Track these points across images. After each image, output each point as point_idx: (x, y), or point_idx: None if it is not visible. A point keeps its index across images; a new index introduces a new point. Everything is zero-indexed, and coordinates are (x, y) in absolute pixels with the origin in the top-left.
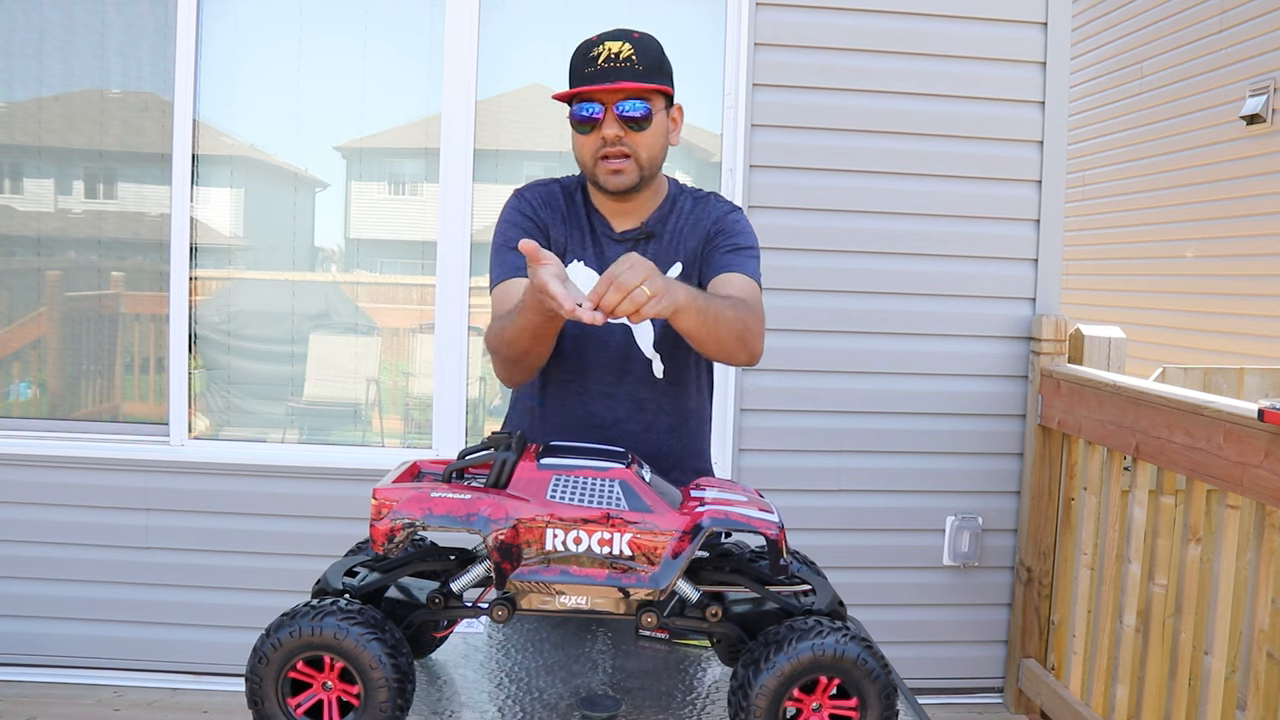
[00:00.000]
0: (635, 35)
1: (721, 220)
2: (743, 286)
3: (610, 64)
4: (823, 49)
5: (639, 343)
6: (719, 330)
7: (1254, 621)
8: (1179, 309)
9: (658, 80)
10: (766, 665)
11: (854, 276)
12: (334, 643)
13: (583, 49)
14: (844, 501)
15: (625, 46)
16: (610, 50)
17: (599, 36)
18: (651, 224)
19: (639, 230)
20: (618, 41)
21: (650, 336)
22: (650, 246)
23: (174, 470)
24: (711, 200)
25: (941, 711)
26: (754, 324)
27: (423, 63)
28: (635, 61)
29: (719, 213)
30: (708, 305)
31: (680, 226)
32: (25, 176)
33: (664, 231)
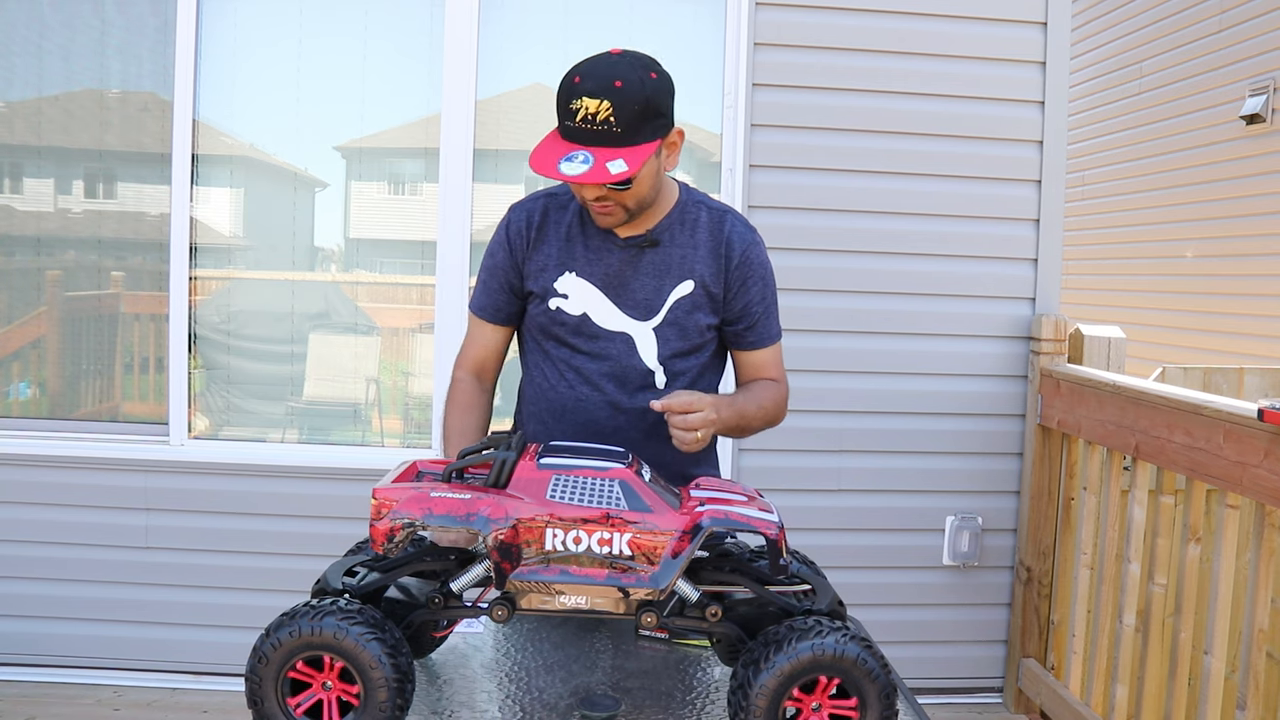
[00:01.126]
0: (617, 85)
1: (749, 258)
2: (776, 362)
3: (587, 125)
4: (823, 49)
5: (641, 354)
6: (749, 431)
7: (1254, 621)
8: (1179, 309)
9: (641, 137)
10: (766, 665)
11: (853, 276)
12: (334, 642)
13: (565, 91)
14: (844, 501)
15: (603, 106)
16: (588, 110)
17: (580, 82)
18: (657, 231)
19: (643, 237)
20: (595, 99)
21: (654, 349)
22: (656, 255)
23: (174, 470)
24: (730, 220)
25: (941, 711)
26: (781, 410)
27: (423, 63)
28: (614, 124)
29: (741, 243)
30: (741, 421)
31: (694, 241)
32: (25, 176)
33: (671, 242)
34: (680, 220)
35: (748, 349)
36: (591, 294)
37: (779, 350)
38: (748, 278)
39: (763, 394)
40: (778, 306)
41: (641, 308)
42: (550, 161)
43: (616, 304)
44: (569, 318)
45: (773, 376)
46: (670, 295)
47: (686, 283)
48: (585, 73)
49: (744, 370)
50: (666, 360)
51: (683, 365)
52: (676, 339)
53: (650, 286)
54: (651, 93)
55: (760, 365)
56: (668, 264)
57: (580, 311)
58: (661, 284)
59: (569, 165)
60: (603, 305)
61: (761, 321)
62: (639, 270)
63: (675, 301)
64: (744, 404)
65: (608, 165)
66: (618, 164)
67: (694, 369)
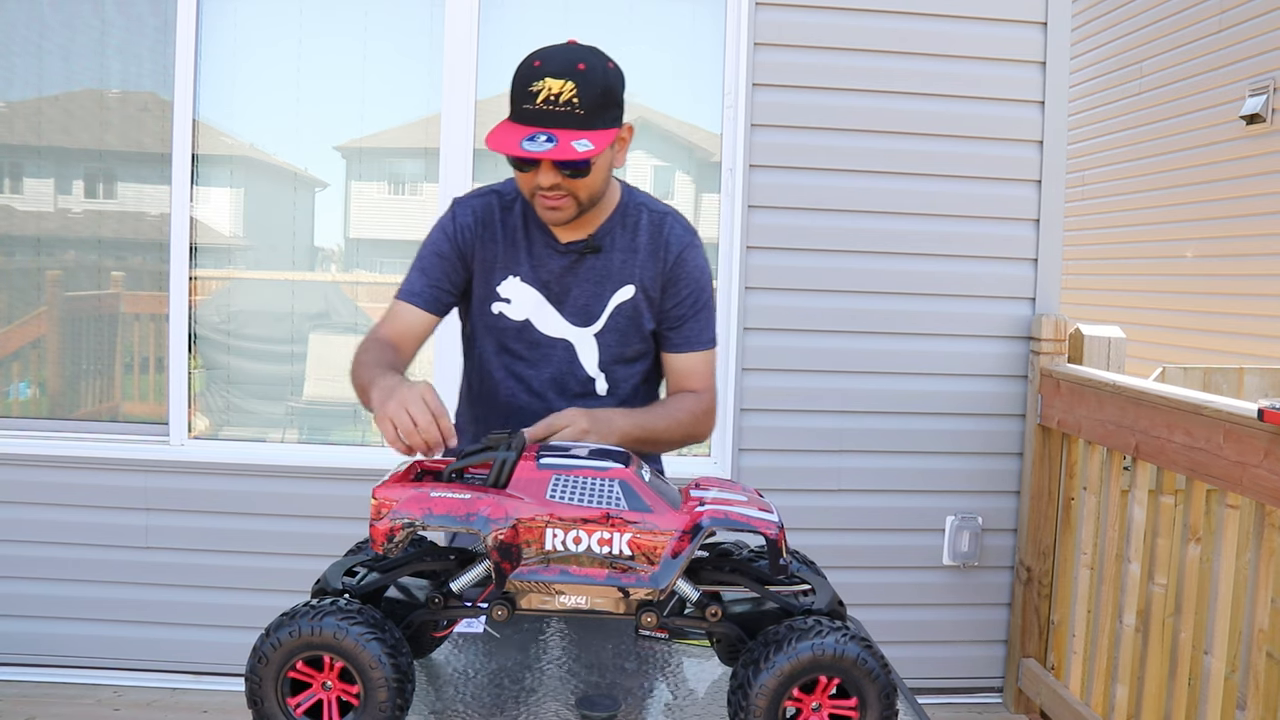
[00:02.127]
0: (580, 67)
1: (683, 259)
2: (703, 371)
3: (549, 106)
4: (823, 49)
5: (582, 361)
6: (659, 448)
7: (1254, 621)
8: (1179, 309)
9: (602, 123)
10: (766, 665)
11: (853, 276)
12: (334, 642)
13: (523, 75)
14: (844, 501)
15: (567, 86)
16: (550, 90)
17: (541, 65)
18: (599, 236)
19: (584, 243)
20: (559, 80)
21: (595, 356)
22: (597, 260)
23: (174, 470)
24: (669, 223)
25: (941, 711)
26: (700, 424)
27: (423, 63)
28: (577, 105)
29: (678, 244)
30: (645, 436)
31: (634, 245)
32: (25, 176)
33: (613, 246)
34: (622, 223)
35: (672, 351)
36: (534, 299)
37: (707, 359)
38: (679, 278)
39: (676, 408)
40: (712, 315)
41: (582, 314)
42: (512, 141)
43: (558, 310)
44: (511, 323)
45: (695, 387)
46: (611, 301)
47: (627, 288)
48: (545, 57)
49: (669, 375)
50: (608, 367)
51: (624, 372)
52: (617, 345)
53: (591, 293)
54: (612, 80)
55: (685, 371)
56: (608, 270)
57: (523, 317)
58: (602, 290)
59: (532, 144)
60: (544, 311)
61: (689, 324)
62: (580, 276)
63: (616, 307)
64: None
65: (573, 144)
66: (582, 143)
67: (636, 375)
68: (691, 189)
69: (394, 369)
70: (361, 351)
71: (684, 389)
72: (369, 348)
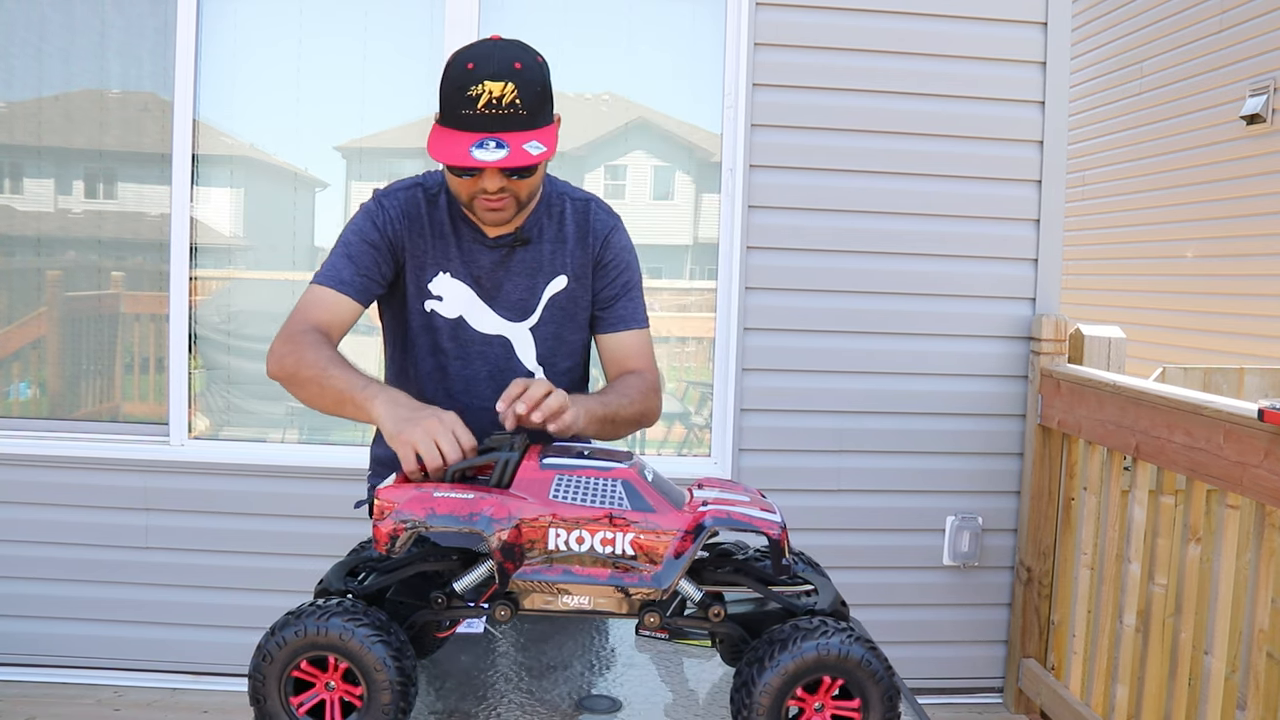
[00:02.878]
0: (517, 66)
1: (610, 242)
2: (641, 351)
3: (491, 110)
4: (823, 49)
5: (519, 356)
6: (618, 430)
7: (1254, 621)
8: (1179, 309)
9: (544, 119)
10: (771, 664)
11: (854, 276)
12: (339, 643)
13: (458, 79)
14: (844, 501)
15: (508, 89)
16: (491, 94)
17: (476, 68)
18: (528, 228)
19: (513, 236)
20: (499, 82)
21: (532, 350)
22: (527, 253)
23: (174, 470)
24: (593, 208)
25: (941, 711)
26: (651, 405)
27: (423, 63)
28: (520, 106)
29: (603, 228)
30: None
31: (562, 234)
32: (25, 176)
33: (541, 238)
34: (547, 214)
35: (607, 332)
36: (466, 296)
37: (643, 338)
38: (606, 260)
39: (629, 387)
40: (642, 294)
41: (516, 309)
42: (460, 150)
43: (490, 306)
44: (444, 321)
45: (636, 367)
46: (545, 293)
47: (559, 278)
48: (477, 59)
49: (607, 358)
50: (546, 360)
51: (563, 364)
52: (554, 337)
53: (524, 286)
54: (546, 74)
55: (624, 352)
56: (539, 261)
57: (456, 314)
58: (535, 283)
59: (483, 152)
60: (477, 307)
61: (620, 302)
62: (511, 271)
63: (550, 299)
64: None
65: (524, 147)
66: (534, 145)
67: (573, 365)
68: (691, 189)
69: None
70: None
71: (625, 370)
72: (315, 341)
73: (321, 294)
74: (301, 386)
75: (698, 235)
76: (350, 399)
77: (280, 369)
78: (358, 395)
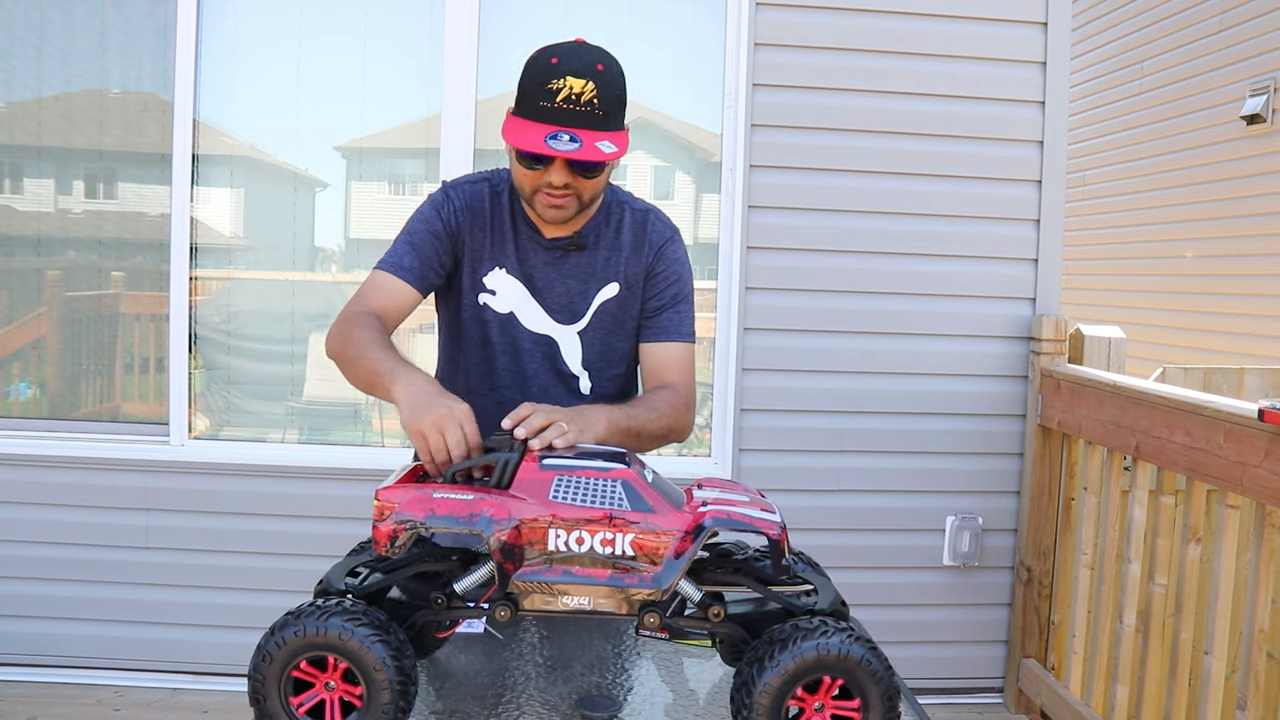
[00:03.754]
0: (599, 68)
1: (664, 253)
2: (680, 365)
3: (570, 106)
4: (823, 49)
5: (565, 359)
6: (643, 444)
7: (1254, 621)
8: (1179, 309)
9: (618, 124)
10: (771, 664)
11: (854, 276)
12: (339, 643)
13: (540, 72)
14: (844, 501)
15: (588, 87)
16: (572, 89)
17: (560, 63)
18: (584, 234)
19: (570, 239)
20: (580, 79)
21: (579, 354)
22: (582, 257)
23: (174, 470)
24: (651, 219)
25: (941, 711)
26: (681, 419)
27: (423, 63)
28: (597, 105)
29: (659, 239)
30: (629, 427)
31: (618, 243)
32: (25, 176)
33: (597, 244)
34: (605, 221)
35: (649, 341)
36: (519, 293)
37: (685, 352)
38: (658, 270)
39: (657, 400)
40: (691, 309)
41: (565, 311)
42: (535, 138)
43: (541, 306)
44: (494, 315)
45: (672, 380)
46: (595, 299)
47: (611, 285)
48: (562, 55)
49: (646, 366)
50: (591, 365)
51: (608, 370)
52: (601, 343)
53: (575, 290)
54: (624, 82)
55: (662, 363)
56: (593, 267)
57: (508, 310)
58: (587, 288)
59: (557, 143)
60: (529, 306)
61: (666, 314)
62: (564, 273)
63: (600, 305)
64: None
65: (597, 145)
66: (606, 144)
67: (620, 373)
68: (691, 189)
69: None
70: (358, 326)
71: (662, 382)
72: (366, 323)
73: (382, 279)
74: (346, 365)
75: (698, 235)
76: (380, 379)
77: (332, 348)
78: (385, 376)
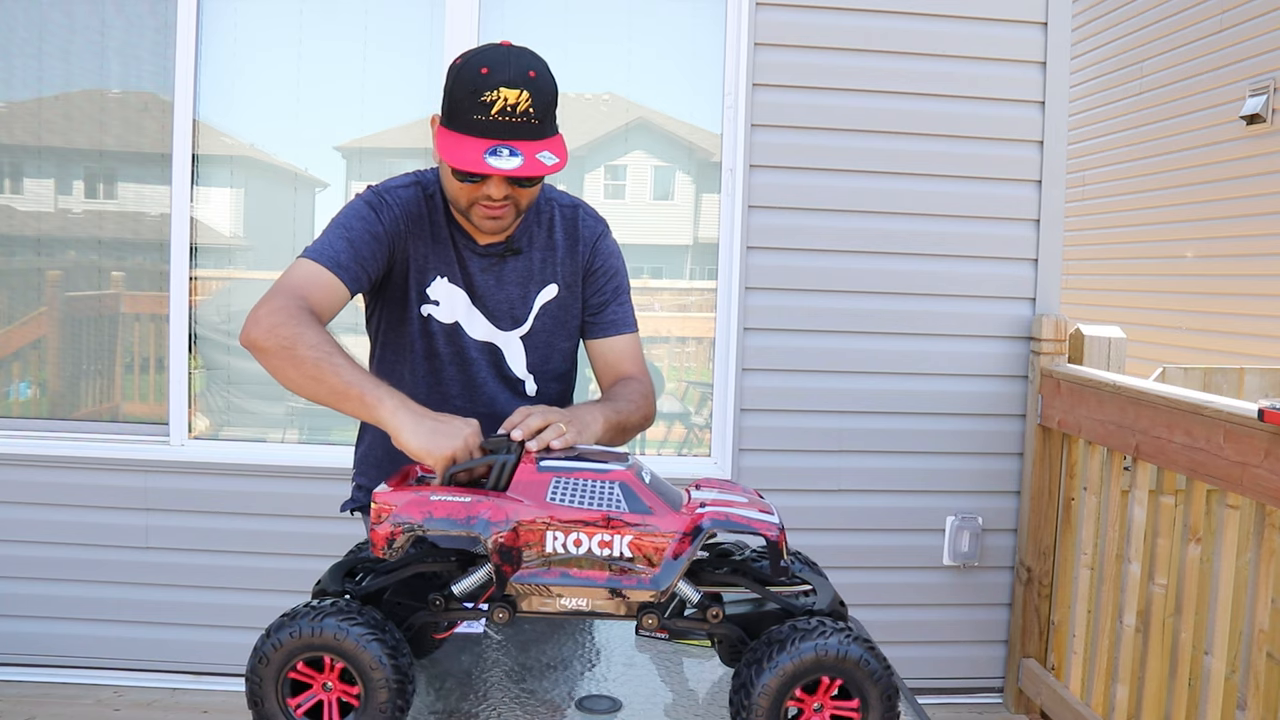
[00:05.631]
0: (531, 74)
1: (598, 249)
2: (634, 355)
3: (505, 117)
4: (823, 49)
5: (509, 364)
6: (626, 437)
7: (1254, 621)
8: (1179, 309)
9: (553, 129)
10: (769, 665)
11: (854, 276)
12: (334, 643)
13: (471, 83)
14: (844, 501)
15: (523, 96)
16: (507, 100)
17: (490, 73)
18: (518, 237)
19: (504, 245)
20: (514, 89)
21: (523, 358)
22: (518, 262)
23: (174, 470)
24: (581, 214)
25: (941, 711)
26: (651, 409)
27: (423, 63)
28: (533, 115)
29: (591, 235)
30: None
31: (551, 242)
32: (25, 176)
33: (531, 246)
34: (536, 222)
35: (599, 337)
36: (462, 301)
37: (635, 341)
38: (595, 266)
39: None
40: (630, 299)
41: (507, 318)
42: (474, 156)
43: (483, 313)
44: (440, 326)
45: (629, 371)
46: (536, 302)
47: (550, 287)
48: (492, 64)
49: (599, 363)
50: (535, 368)
51: (551, 371)
52: (544, 345)
53: (515, 295)
54: (555, 85)
55: (616, 356)
56: (530, 270)
57: (452, 320)
58: (526, 291)
59: (498, 160)
60: (471, 314)
61: (610, 308)
62: (502, 279)
63: (541, 307)
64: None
65: (538, 157)
66: (546, 155)
67: (565, 373)
68: (691, 189)
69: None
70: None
71: (618, 374)
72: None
73: (314, 271)
74: (296, 365)
75: (698, 235)
76: (356, 395)
77: (274, 339)
78: (367, 395)
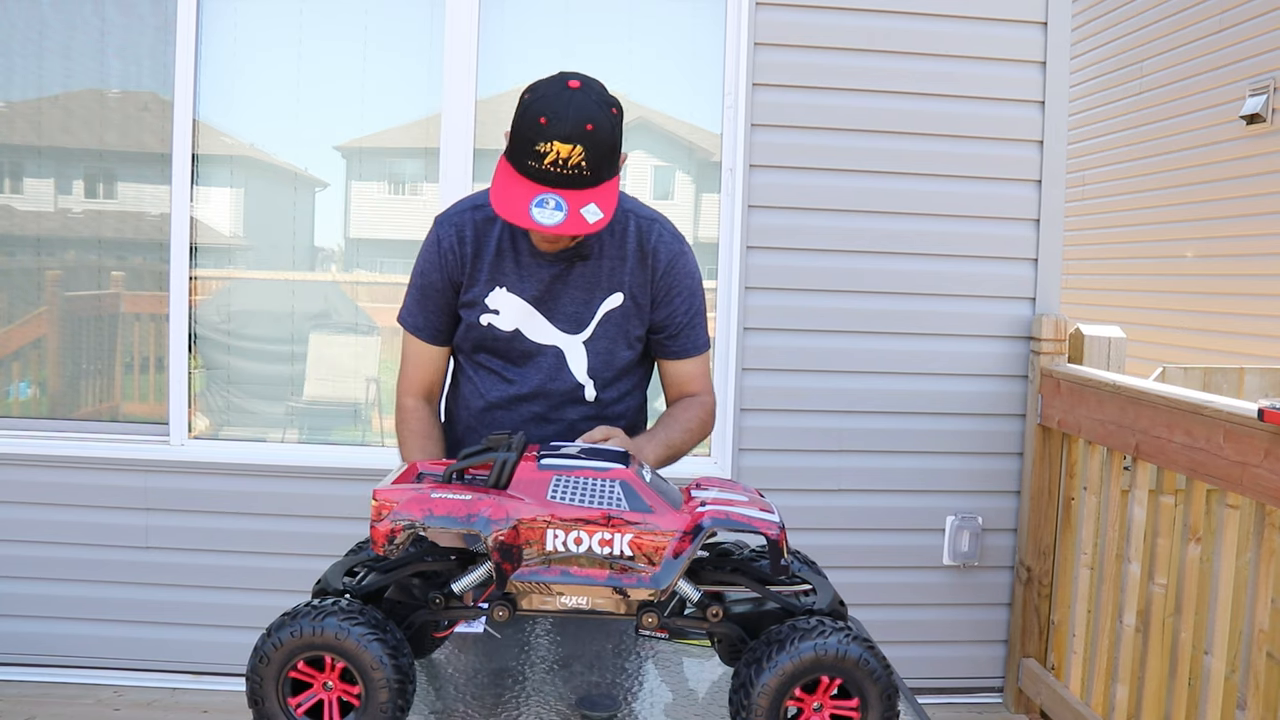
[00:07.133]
0: (589, 128)
1: (674, 268)
2: (703, 374)
3: (556, 169)
4: (823, 49)
5: (571, 368)
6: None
7: (1254, 621)
8: (1179, 309)
9: (608, 175)
10: (769, 664)
11: (854, 276)
12: (335, 643)
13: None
14: (844, 501)
15: (576, 151)
16: (559, 154)
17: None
18: (587, 244)
19: (572, 251)
20: (567, 144)
21: (584, 363)
22: (586, 267)
23: (174, 470)
24: (657, 229)
25: (941, 711)
26: (707, 427)
27: (423, 63)
28: (584, 169)
29: (668, 254)
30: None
31: (622, 252)
32: (25, 176)
33: (601, 253)
34: (610, 230)
35: (671, 359)
36: (522, 309)
37: (705, 361)
38: (672, 288)
39: (688, 417)
40: (705, 318)
41: (571, 321)
42: (520, 208)
43: (547, 318)
44: (501, 333)
45: (696, 390)
46: (600, 308)
47: (616, 295)
48: (552, 114)
49: (668, 380)
50: (596, 373)
51: (612, 377)
52: (606, 352)
53: (580, 300)
54: (617, 130)
55: (685, 376)
56: (597, 277)
57: (512, 327)
58: (591, 297)
59: (542, 213)
60: (533, 319)
61: (685, 332)
62: (569, 284)
63: (605, 314)
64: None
65: (582, 212)
66: (591, 210)
67: (624, 381)
68: (691, 189)
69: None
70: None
71: (685, 393)
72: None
73: (410, 343)
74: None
75: (698, 235)
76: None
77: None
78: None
